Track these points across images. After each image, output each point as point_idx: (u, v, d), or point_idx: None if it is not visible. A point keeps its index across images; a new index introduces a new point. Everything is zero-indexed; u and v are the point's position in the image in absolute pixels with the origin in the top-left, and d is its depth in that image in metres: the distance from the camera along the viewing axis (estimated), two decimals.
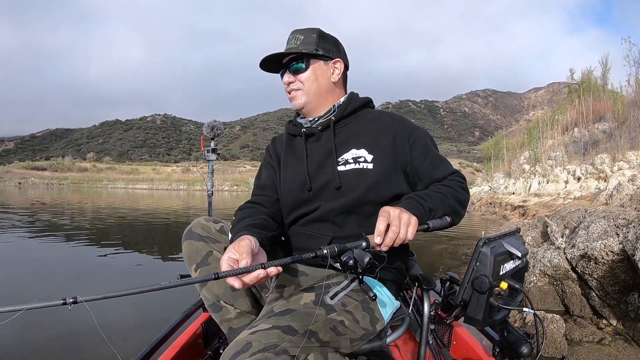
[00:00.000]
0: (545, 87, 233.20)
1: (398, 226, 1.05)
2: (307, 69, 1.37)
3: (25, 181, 47.93)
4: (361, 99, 1.43)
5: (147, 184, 50.93)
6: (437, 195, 1.22)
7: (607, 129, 10.69)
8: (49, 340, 2.95)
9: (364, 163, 1.28)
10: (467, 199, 1.30)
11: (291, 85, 1.39)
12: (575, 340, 2.90)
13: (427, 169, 1.31)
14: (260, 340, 0.92)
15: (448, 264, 5.74)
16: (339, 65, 1.41)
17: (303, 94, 1.38)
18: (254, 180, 1.57)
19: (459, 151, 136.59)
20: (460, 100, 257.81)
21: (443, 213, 1.20)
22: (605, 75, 13.22)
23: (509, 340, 1.12)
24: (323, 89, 1.39)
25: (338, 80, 1.42)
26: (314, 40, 1.37)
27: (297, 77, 1.38)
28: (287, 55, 1.37)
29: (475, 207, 15.56)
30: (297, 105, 1.40)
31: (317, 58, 1.38)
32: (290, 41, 1.38)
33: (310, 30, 1.38)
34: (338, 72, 1.41)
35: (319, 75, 1.38)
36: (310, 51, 1.35)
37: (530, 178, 12.39)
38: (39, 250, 6.70)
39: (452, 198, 1.24)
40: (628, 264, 2.94)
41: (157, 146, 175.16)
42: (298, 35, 1.38)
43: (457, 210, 1.25)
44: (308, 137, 1.41)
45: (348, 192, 1.27)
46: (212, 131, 2.88)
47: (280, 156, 1.48)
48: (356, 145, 1.32)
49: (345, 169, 1.29)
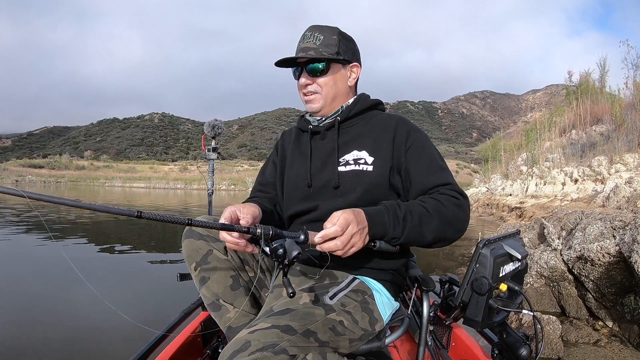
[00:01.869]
0: (543, 89, 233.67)
1: (344, 243, 1.01)
2: (327, 73, 1.33)
3: (23, 179, 47.76)
4: (369, 101, 1.40)
5: (144, 183, 50.82)
6: (420, 211, 1.14)
7: (605, 131, 10.73)
8: (48, 341, 2.95)
9: (364, 165, 1.28)
10: (458, 217, 1.17)
11: (308, 87, 1.35)
12: (572, 341, 2.91)
13: (419, 173, 1.26)
14: (259, 339, 0.92)
15: (444, 265, 5.75)
16: (356, 69, 1.39)
17: (321, 98, 1.35)
18: (258, 175, 1.58)
19: (456, 152, 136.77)
20: (458, 101, 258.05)
21: (418, 234, 1.13)
22: (603, 77, 13.29)
23: (508, 342, 1.12)
24: (339, 93, 1.37)
25: (353, 85, 1.40)
26: (335, 42, 1.32)
27: (315, 80, 1.34)
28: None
29: (473, 209, 15.58)
30: (313, 109, 1.37)
31: (337, 62, 1.34)
32: (308, 38, 1.33)
33: (330, 30, 1.33)
34: (355, 77, 1.39)
35: (337, 80, 1.35)
36: (331, 54, 1.31)
37: (528, 180, 12.41)
38: (36, 247, 6.68)
39: (438, 217, 1.14)
40: (624, 266, 2.95)
41: (155, 145, 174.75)
42: (317, 33, 1.32)
43: (442, 230, 1.15)
44: (313, 135, 1.41)
45: (346, 193, 1.27)
46: (213, 130, 2.88)
47: (287, 152, 1.49)
48: (358, 147, 1.31)
49: (345, 170, 1.29)
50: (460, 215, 1.17)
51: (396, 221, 1.11)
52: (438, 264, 5.74)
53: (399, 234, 1.12)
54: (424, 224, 1.13)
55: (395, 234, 1.12)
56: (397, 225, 1.11)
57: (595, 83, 13.67)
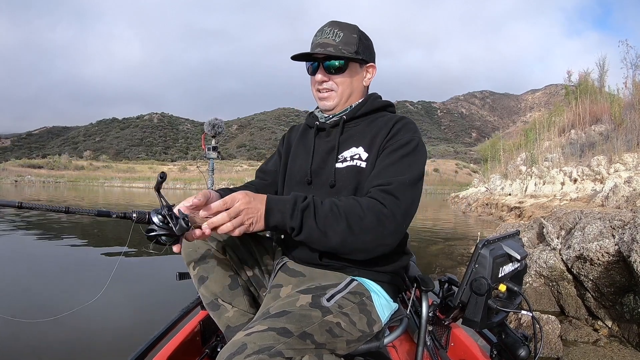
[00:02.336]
0: (543, 89, 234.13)
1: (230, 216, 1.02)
2: (344, 72, 1.31)
3: (22, 179, 47.73)
4: (378, 102, 1.37)
5: (143, 183, 50.80)
6: (328, 208, 1.10)
7: (604, 131, 10.75)
8: (47, 341, 2.94)
9: (358, 161, 1.26)
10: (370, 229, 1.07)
11: (324, 84, 1.32)
12: (571, 341, 2.91)
13: (375, 172, 1.21)
14: (256, 342, 0.92)
15: (443, 265, 5.75)
16: (372, 70, 1.38)
17: (336, 96, 1.33)
18: (262, 163, 1.59)
19: (455, 152, 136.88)
20: (457, 101, 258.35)
21: (320, 232, 1.09)
22: (603, 77, 13.34)
23: (506, 342, 1.12)
24: (354, 92, 1.35)
25: (368, 85, 1.39)
26: (355, 41, 1.30)
27: (333, 77, 1.31)
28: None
29: (472, 208, 15.61)
30: (327, 106, 1.35)
31: (356, 61, 1.31)
32: (327, 34, 1.30)
33: (351, 28, 1.31)
34: (370, 77, 1.38)
35: (354, 79, 1.33)
36: (351, 53, 1.29)
37: (527, 179, 12.44)
38: (36, 247, 6.67)
39: (347, 221, 1.08)
40: (623, 265, 2.95)
41: (154, 145, 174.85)
42: (337, 30, 1.29)
43: (350, 237, 1.08)
44: (319, 132, 1.40)
45: (340, 189, 1.26)
46: (213, 129, 2.89)
47: (292, 145, 1.49)
48: (356, 144, 1.30)
49: (341, 167, 1.28)
50: (375, 229, 1.08)
51: (295, 211, 1.08)
52: (437, 264, 5.74)
53: (297, 225, 1.08)
54: (329, 224, 1.09)
55: (293, 224, 1.08)
56: (294, 216, 1.08)
57: (595, 83, 13.72)
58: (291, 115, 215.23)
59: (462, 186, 37.00)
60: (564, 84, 16.00)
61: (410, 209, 1.14)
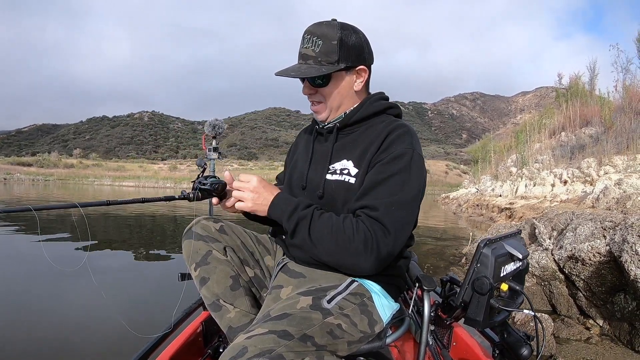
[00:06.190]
0: (533, 91, 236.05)
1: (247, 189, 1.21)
2: (329, 83, 1.26)
3: (11, 177, 47.07)
4: (374, 106, 1.31)
5: (133, 182, 50.31)
6: (325, 223, 1.13)
7: (594, 133, 10.87)
8: (42, 342, 2.92)
9: (347, 176, 1.24)
10: (359, 255, 1.08)
11: (312, 97, 1.30)
12: (563, 339, 2.96)
13: (366, 186, 1.17)
14: (256, 345, 0.92)
15: (435, 265, 5.78)
16: (363, 73, 1.29)
17: (326, 108, 1.30)
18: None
19: (446, 153, 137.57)
20: (448, 102, 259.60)
21: (310, 244, 1.14)
22: (593, 80, 13.47)
23: (509, 342, 1.13)
24: (345, 100, 1.30)
25: (361, 88, 1.31)
26: (335, 48, 1.21)
27: (319, 89, 1.28)
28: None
29: (463, 209, 15.70)
30: (320, 118, 1.33)
31: (339, 70, 1.24)
32: (307, 43, 1.24)
33: (330, 34, 1.21)
34: (361, 81, 1.30)
35: (341, 88, 1.28)
36: (331, 63, 1.22)
37: (517, 181, 12.54)
38: (24, 246, 6.60)
39: (335, 242, 1.11)
40: (614, 265, 3.00)
41: (144, 143, 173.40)
42: (316, 38, 1.22)
43: (332, 255, 1.12)
44: (318, 136, 1.40)
45: (328, 201, 1.25)
46: (214, 130, 2.89)
47: (298, 148, 1.51)
48: (347, 156, 1.27)
49: (331, 179, 1.26)
50: (361, 255, 1.09)
51: (292, 216, 1.16)
52: (429, 264, 5.77)
53: (290, 230, 1.16)
54: (319, 239, 1.13)
55: (288, 227, 1.17)
56: (291, 220, 1.16)
57: (585, 86, 13.86)
58: (282, 114, 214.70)
59: (453, 187, 37.18)
60: (555, 86, 16.15)
61: (400, 234, 1.12)
